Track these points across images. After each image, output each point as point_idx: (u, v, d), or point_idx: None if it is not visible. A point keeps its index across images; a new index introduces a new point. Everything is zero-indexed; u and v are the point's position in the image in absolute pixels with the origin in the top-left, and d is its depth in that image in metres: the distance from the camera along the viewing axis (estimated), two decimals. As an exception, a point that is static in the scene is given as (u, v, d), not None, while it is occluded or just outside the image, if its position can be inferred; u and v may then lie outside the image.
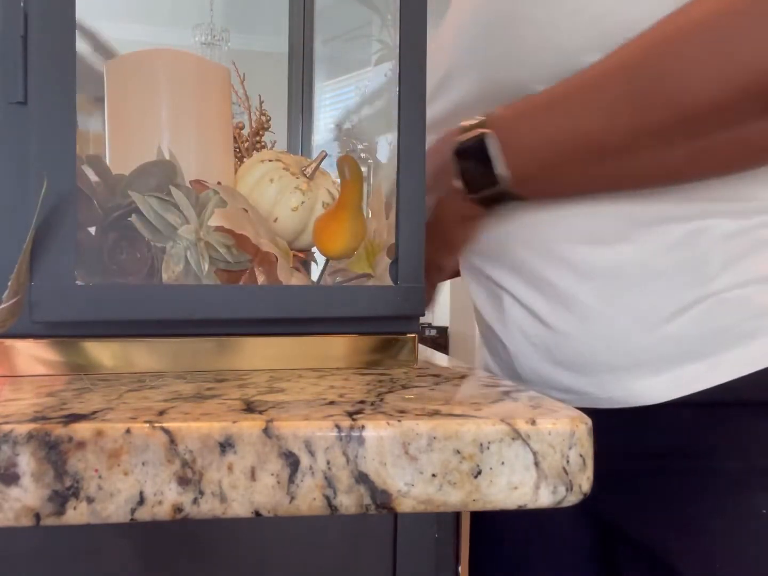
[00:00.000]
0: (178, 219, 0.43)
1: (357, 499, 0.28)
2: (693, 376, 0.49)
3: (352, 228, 0.47)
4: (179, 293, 0.41)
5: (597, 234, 0.52)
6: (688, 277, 0.50)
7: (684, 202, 0.49)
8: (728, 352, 0.49)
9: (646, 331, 0.50)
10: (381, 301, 0.44)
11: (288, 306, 0.43)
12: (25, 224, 0.38)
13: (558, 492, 0.29)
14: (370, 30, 2.90)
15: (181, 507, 0.27)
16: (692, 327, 0.49)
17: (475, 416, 0.30)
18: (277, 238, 0.47)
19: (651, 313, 0.50)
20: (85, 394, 0.33)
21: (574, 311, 0.53)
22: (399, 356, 0.46)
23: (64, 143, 0.39)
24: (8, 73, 0.39)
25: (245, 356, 0.43)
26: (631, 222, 0.51)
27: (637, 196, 0.50)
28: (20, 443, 0.26)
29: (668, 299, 0.50)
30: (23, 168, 0.39)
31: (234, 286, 0.43)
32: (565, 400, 0.55)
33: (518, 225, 0.56)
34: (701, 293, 0.49)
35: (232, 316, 0.42)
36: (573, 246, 0.53)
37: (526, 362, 0.58)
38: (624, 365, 0.51)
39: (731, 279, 0.49)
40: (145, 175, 0.44)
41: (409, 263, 0.45)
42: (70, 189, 0.39)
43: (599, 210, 0.52)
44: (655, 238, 0.50)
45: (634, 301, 0.51)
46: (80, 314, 0.39)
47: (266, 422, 0.28)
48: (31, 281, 0.38)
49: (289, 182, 0.49)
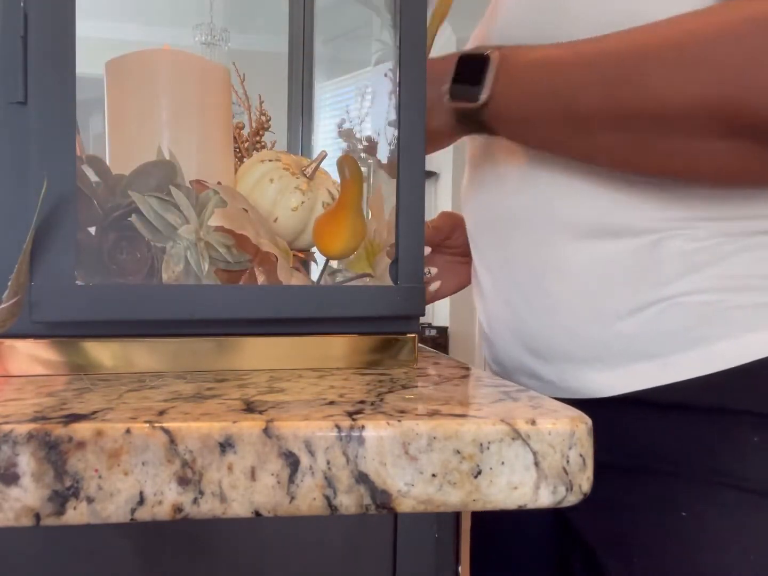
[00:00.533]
0: (178, 219, 0.43)
1: (357, 499, 0.28)
2: (643, 373, 0.52)
3: (352, 228, 0.47)
4: (179, 293, 0.41)
5: (575, 230, 0.54)
6: (647, 280, 0.52)
7: (652, 217, 0.52)
8: (679, 354, 0.50)
9: (604, 327, 0.53)
10: (381, 301, 0.44)
11: (288, 306, 0.43)
12: (25, 224, 0.38)
13: (558, 492, 0.29)
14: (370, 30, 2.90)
15: (181, 507, 0.27)
16: (645, 327, 0.52)
17: (475, 416, 0.30)
18: (277, 238, 0.47)
19: (610, 311, 0.53)
20: (85, 394, 0.33)
21: (544, 301, 0.56)
22: (399, 356, 0.46)
23: (64, 143, 0.39)
24: (8, 73, 0.39)
25: (245, 356, 0.43)
26: (602, 226, 0.53)
27: (611, 207, 0.53)
28: (20, 443, 0.26)
29: (626, 299, 0.52)
30: (23, 168, 0.39)
31: (234, 286, 0.43)
32: (533, 387, 0.59)
33: (505, 208, 0.59)
34: (657, 296, 0.51)
35: (231, 316, 0.42)
36: (552, 236, 0.56)
37: (503, 346, 0.62)
38: (582, 357, 0.54)
39: (687, 286, 0.51)
40: (145, 175, 0.44)
41: (409, 263, 0.45)
42: (70, 189, 0.39)
43: (581, 207, 0.54)
44: (623, 242, 0.53)
45: (597, 297, 0.53)
46: (80, 314, 0.39)
47: (266, 422, 0.28)
48: (31, 281, 0.38)
49: (289, 182, 0.49)
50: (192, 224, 0.44)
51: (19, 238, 0.38)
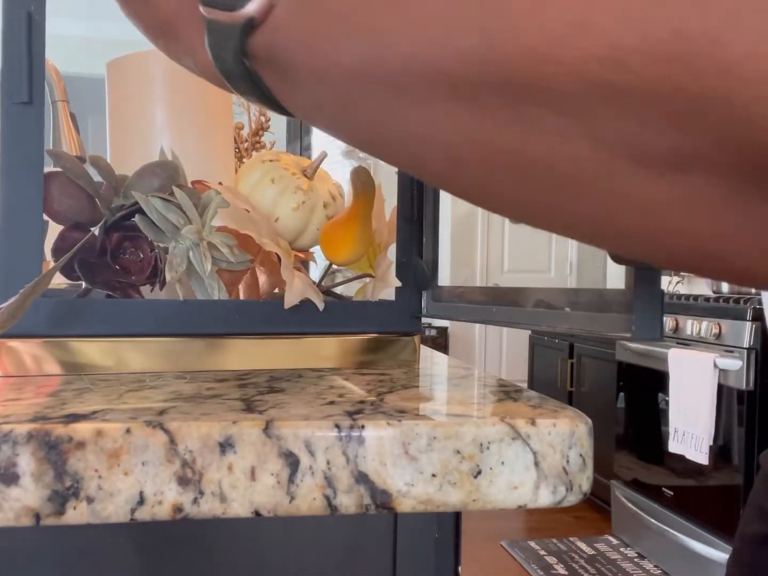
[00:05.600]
0: (181, 219, 0.43)
1: (357, 499, 0.28)
2: None
3: (360, 239, 0.47)
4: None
5: None
6: None
7: None
8: None
9: None
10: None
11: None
12: (34, 224, 0.38)
13: (558, 492, 0.29)
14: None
15: (181, 507, 0.27)
16: None
17: (475, 416, 0.30)
18: (279, 238, 0.48)
19: None
20: (85, 394, 0.34)
21: None
22: (400, 356, 0.46)
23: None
24: (13, 74, 0.39)
25: (245, 356, 0.43)
26: None
27: None
28: (20, 443, 0.26)
29: None
30: (30, 168, 0.39)
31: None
32: None
33: None
34: None
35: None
36: None
37: None
38: None
39: None
40: (148, 175, 0.44)
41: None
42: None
43: None
44: None
45: None
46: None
47: (266, 422, 0.28)
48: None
49: (290, 182, 0.49)
50: (195, 224, 0.44)
51: (28, 238, 0.38)
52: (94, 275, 0.44)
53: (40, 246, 0.40)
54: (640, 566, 2.27)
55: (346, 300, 0.50)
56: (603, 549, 2.41)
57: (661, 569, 2.23)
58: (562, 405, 0.33)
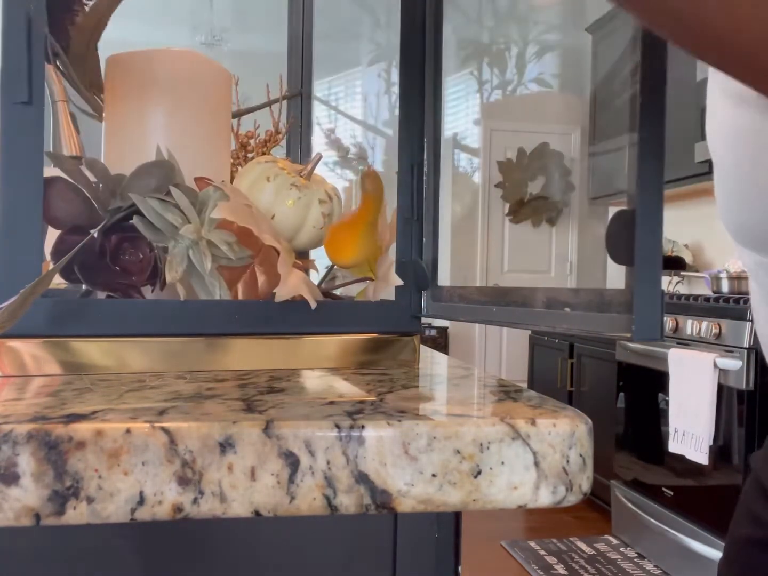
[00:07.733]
0: (179, 219, 0.43)
1: (357, 499, 0.28)
2: None
3: (366, 242, 0.48)
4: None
5: None
6: None
7: None
8: None
9: None
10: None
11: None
12: (33, 222, 0.38)
13: (558, 492, 0.29)
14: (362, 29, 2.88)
15: (181, 507, 0.27)
16: None
17: (475, 416, 0.30)
18: (278, 237, 0.48)
19: None
20: (85, 394, 0.33)
21: None
22: (400, 356, 0.46)
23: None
24: (13, 74, 0.39)
25: (245, 356, 0.43)
26: None
27: None
28: (20, 443, 0.26)
29: None
30: (30, 168, 0.39)
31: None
32: None
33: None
34: None
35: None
36: None
37: None
38: None
39: None
40: (145, 175, 0.44)
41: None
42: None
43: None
44: None
45: None
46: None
47: (266, 422, 0.28)
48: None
49: (286, 180, 0.49)
50: (193, 223, 0.44)
51: (29, 237, 0.38)
52: (95, 277, 0.44)
53: (40, 246, 0.40)
54: (640, 566, 2.27)
55: (346, 300, 0.50)
56: (603, 549, 2.41)
57: (661, 569, 2.23)
58: (562, 405, 0.33)
